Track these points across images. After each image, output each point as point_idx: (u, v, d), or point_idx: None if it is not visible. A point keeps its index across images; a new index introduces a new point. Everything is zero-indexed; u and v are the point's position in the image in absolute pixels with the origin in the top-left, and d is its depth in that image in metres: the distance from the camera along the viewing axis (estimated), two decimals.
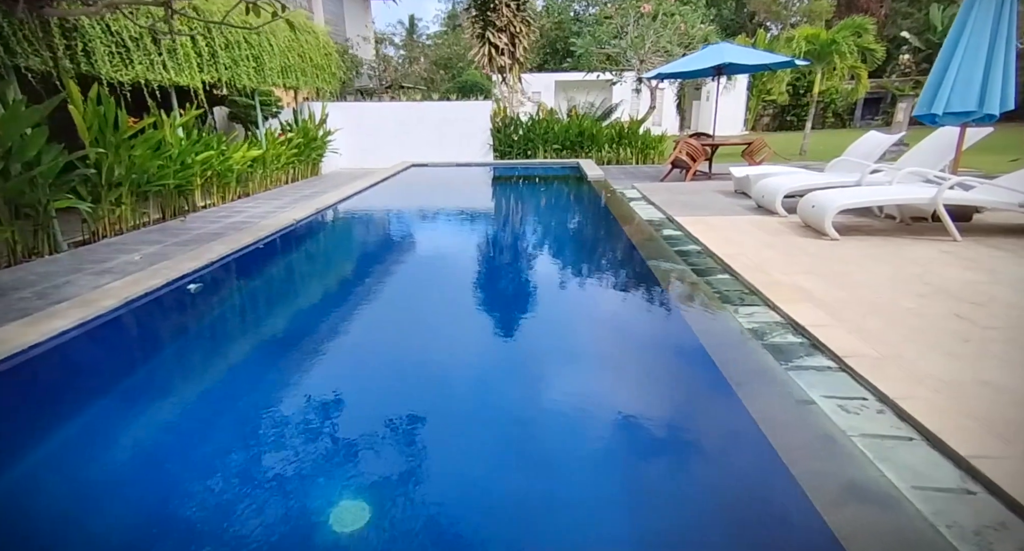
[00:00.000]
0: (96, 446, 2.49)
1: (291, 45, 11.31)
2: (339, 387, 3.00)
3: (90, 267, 4.96)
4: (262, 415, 2.70)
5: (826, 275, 3.99)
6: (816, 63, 16.95)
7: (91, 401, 2.90)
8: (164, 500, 2.10)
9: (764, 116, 31.00)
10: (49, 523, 2.03)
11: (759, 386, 2.51)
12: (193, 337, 3.73)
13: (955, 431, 2.10)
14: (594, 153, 14.08)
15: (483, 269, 5.46)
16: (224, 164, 8.41)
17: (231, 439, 2.52)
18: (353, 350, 3.51)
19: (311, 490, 2.10)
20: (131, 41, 6.67)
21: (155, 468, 2.32)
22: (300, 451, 2.35)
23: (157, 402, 2.89)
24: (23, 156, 4.83)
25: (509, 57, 14.63)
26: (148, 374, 3.23)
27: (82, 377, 3.14)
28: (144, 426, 2.65)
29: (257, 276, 5.21)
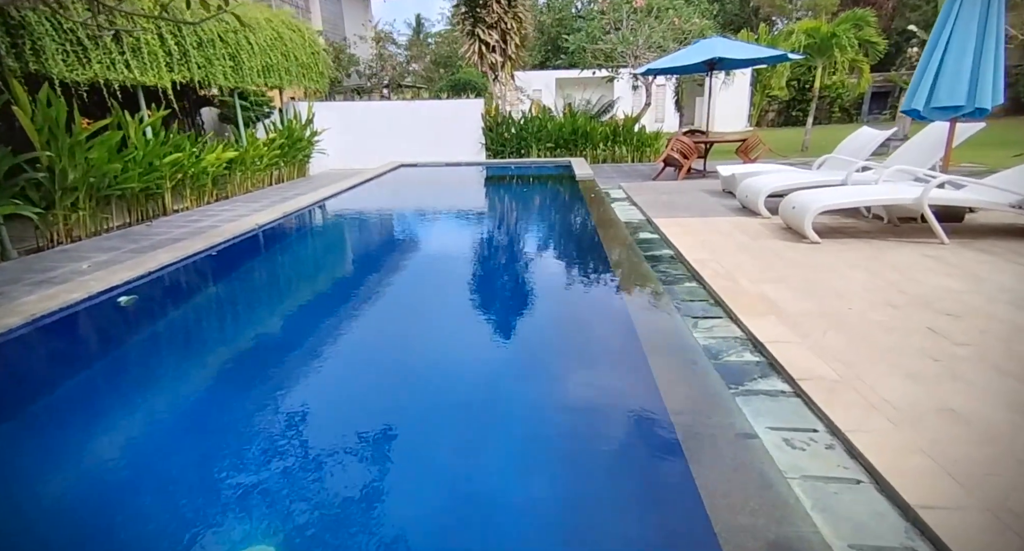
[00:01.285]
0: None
1: (273, 44, 11.07)
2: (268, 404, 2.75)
3: (31, 277, 4.75)
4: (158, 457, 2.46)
5: (797, 283, 3.69)
6: (816, 57, 16.53)
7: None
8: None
9: (769, 112, 30.47)
10: None
11: (699, 416, 2.23)
12: (106, 362, 3.48)
13: (906, 473, 1.82)
14: (588, 151, 13.78)
15: (440, 273, 5.22)
16: (197, 166, 8.21)
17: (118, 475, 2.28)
18: (297, 363, 3.27)
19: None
20: (88, 39, 6.46)
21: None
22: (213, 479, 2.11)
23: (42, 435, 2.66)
24: None
25: (500, 54, 14.36)
26: (38, 410, 3.00)
27: None
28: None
29: (202, 287, 4.98)
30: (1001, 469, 1.83)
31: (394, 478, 2.21)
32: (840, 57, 16.03)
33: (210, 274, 5.22)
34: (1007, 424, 2.07)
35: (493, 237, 6.80)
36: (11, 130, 5.88)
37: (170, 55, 7.96)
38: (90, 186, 6.24)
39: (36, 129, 5.63)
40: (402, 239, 7.22)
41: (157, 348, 3.69)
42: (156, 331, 3.90)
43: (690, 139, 10.53)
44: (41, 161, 5.75)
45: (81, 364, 3.38)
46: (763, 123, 29.78)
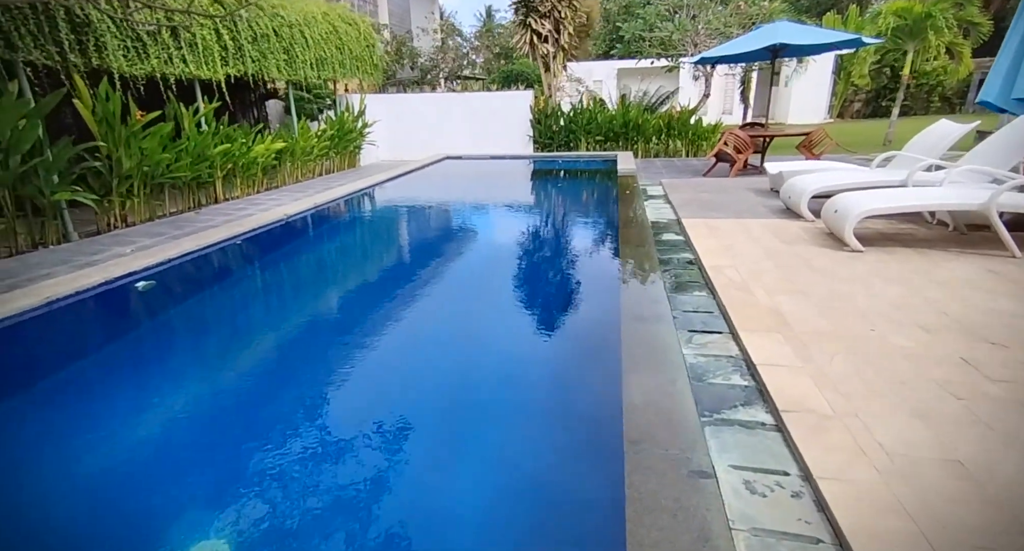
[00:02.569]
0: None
1: (328, 37, 11.38)
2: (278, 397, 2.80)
3: (79, 259, 5.13)
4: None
5: (819, 297, 3.31)
6: (907, 40, 14.99)
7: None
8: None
9: (855, 102, 28.06)
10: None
11: (655, 447, 2.01)
12: (112, 345, 3.68)
13: (877, 537, 1.54)
14: (640, 145, 13.27)
15: (450, 264, 5.17)
16: (247, 156, 8.59)
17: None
18: (307, 355, 3.32)
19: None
20: (148, 36, 6.86)
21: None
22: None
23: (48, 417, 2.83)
24: (18, 149, 5.05)
25: (552, 45, 14.06)
26: (46, 387, 3.20)
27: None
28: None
29: (218, 273, 5.17)
30: (998, 541, 1.51)
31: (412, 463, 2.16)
32: (935, 40, 14.43)
33: (229, 261, 5.43)
34: (1021, 486, 1.71)
35: (504, 234, 6.71)
36: (73, 121, 6.36)
37: (225, 50, 8.33)
38: (144, 174, 6.66)
39: (96, 121, 6.07)
40: (423, 230, 7.28)
41: (169, 333, 3.87)
42: (168, 316, 4.09)
43: (746, 133, 9.85)
44: (100, 151, 6.19)
45: (91, 346, 3.60)
46: (847, 114, 27.48)
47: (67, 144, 5.74)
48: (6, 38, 5.27)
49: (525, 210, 8.47)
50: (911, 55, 15.12)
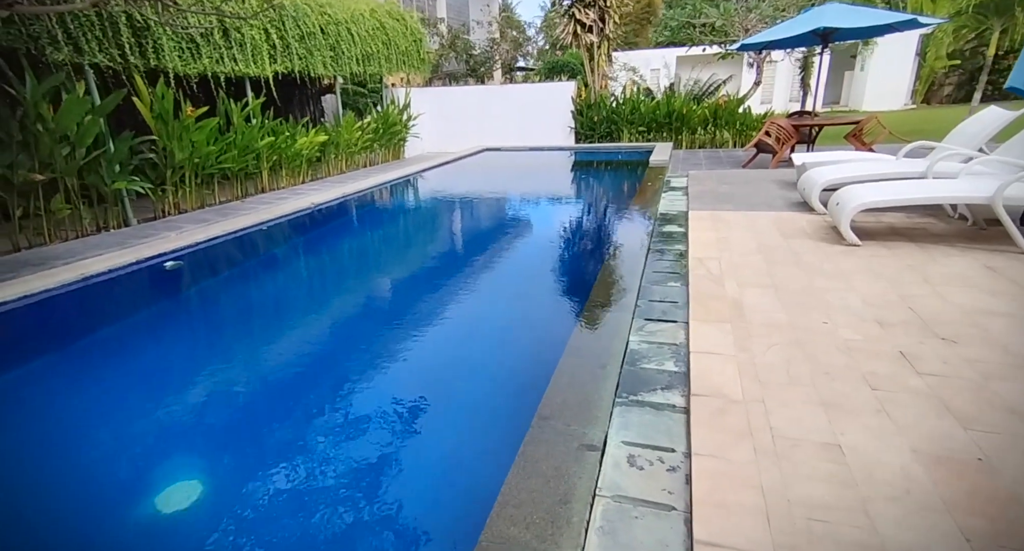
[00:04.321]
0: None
1: (375, 33, 11.85)
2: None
3: (133, 242, 5.77)
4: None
5: (790, 291, 3.27)
6: (992, 17, 13.65)
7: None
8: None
9: (946, 85, 25.68)
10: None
11: (558, 422, 2.15)
12: (135, 318, 4.20)
13: (722, 506, 1.63)
14: (686, 135, 12.97)
15: (440, 250, 5.43)
16: (291, 149, 9.19)
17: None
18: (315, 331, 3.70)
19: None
20: (200, 37, 7.51)
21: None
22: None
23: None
24: (83, 142, 5.73)
25: (597, 34, 13.93)
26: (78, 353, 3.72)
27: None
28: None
29: (240, 256, 5.68)
30: (834, 516, 1.56)
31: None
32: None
33: (252, 246, 5.94)
34: (891, 469, 1.73)
35: (503, 221, 6.95)
36: (131, 116, 7.07)
37: (274, 48, 8.93)
38: (194, 165, 7.34)
39: (152, 117, 6.75)
40: (439, 217, 7.63)
41: (191, 304, 4.36)
42: (191, 293, 4.60)
43: (789, 122, 9.44)
44: (156, 144, 6.89)
45: (113, 319, 4.13)
46: (934, 99, 25.23)
47: (127, 138, 6.44)
48: (75, 43, 5.98)
49: (538, 200, 8.81)
50: (997, 34, 13.77)
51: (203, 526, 2.05)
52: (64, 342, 3.65)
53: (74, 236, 6.07)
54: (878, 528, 1.52)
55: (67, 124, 5.49)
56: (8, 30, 5.40)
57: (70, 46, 5.95)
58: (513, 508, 1.73)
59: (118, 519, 2.12)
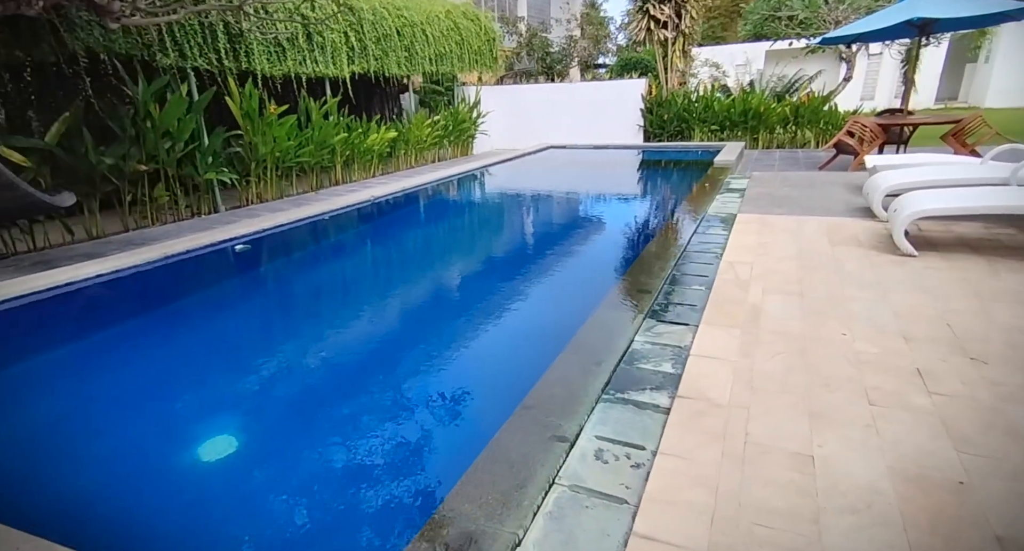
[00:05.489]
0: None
1: (448, 34, 12.27)
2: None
3: (217, 226, 6.45)
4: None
5: (816, 299, 3.13)
6: None
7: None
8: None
9: None
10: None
11: (538, 414, 2.22)
12: (210, 288, 4.75)
13: (670, 503, 1.67)
14: (762, 134, 12.35)
15: (480, 244, 5.61)
16: (363, 144, 9.78)
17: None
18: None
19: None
20: (286, 41, 8.18)
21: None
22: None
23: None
24: (181, 137, 6.47)
25: (673, 30, 13.54)
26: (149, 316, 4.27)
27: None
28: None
29: (303, 244, 6.19)
30: (777, 523, 1.55)
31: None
32: None
33: (313, 233, 6.44)
34: (857, 483, 1.68)
35: (546, 217, 7.09)
36: (222, 113, 7.84)
37: (352, 50, 9.53)
38: (275, 159, 8.03)
39: (241, 114, 7.47)
40: (487, 212, 7.87)
41: (255, 283, 4.86)
42: (257, 271, 5.13)
43: (875, 121, 8.74)
44: (243, 139, 7.62)
45: (193, 290, 4.69)
46: None
47: (219, 133, 7.17)
48: (180, 49, 6.75)
49: (586, 198, 8.91)
50: None
51: (245, 471, 2.36)
52: (154, 306, 4.23)
53: (172, 220, 6.87)
54: (823, 538, 1.50)
55: (170, 121, 6.23)
56: (126, 39, 6.20)
57: (176, 52, 6.72)
58: (472, 487, 1.86)
59: (188, 459, 2.48)
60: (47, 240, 5.73)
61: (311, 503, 2.20)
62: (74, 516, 2.12)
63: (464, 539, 1.64)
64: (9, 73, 6.37)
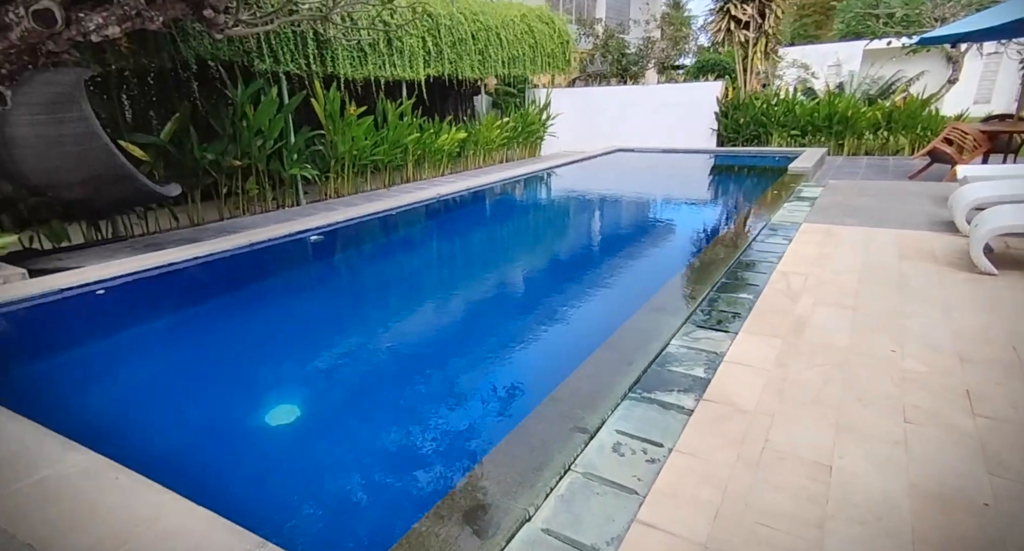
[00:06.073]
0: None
1: (522, 37, 12.48)
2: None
3: (294, 217, 7.02)
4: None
5: (870, 314, 3.01)
6: None
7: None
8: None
9: None
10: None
11: (563, 407, 2.32)
12: (292, 271, 5.22)
13: (678, 497, 1.75)
14: (849, 140, 11.65)
15: (535, 241, 5.72)
16: (434, 144, 10.21)
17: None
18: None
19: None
20: (368, 47, 8.72)
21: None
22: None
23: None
24: (271, 136, 7.10)
25: (755, 30, 13.02)
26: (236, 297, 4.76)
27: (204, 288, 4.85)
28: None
29: (372, 237, 6.60)
30: (785, 524, 1.58)
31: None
32: None
33: (381, 227, 6.84)
34: (872, 495, 1.66)
35: (604, 220, 7.14)
36: (306, 114, 8.48)
37: (428, 54, 9.97)
38: (352, 157, 8.58)
39: (324, 115, 8.07)
40: (543, 212, 8.01)
41: (325, 270, 5.30)
42: (329, 260, 5.59)
43: (976, 128, 8.02)
44: (325, 138, 8.21)
45: (274, 273, 5.19)
46: None
47: (304, 132, 7.79)
48: (274, 55, 7.40)
49: (645, 202, 8.83)
50: None
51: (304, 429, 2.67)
52: (238, 286, 4.75)
53: (260, 211, 7.56)
54: (825, 543, 1.52)
55: (262, 121, 6.86)
56: (230, 47, 6.90)
57: (270, 58, 7.37)
58: (493, 466, 2.01)
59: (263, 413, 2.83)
60: (158, 225, 6.50)
61: (358, 457, 2.45)
62: (164, 456, 2.48)
63: (479, 510, 1.79)
64: (136, 78, 7.27)
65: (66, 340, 3.75)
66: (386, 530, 1.92)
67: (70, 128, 4.37)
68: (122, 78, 7.14)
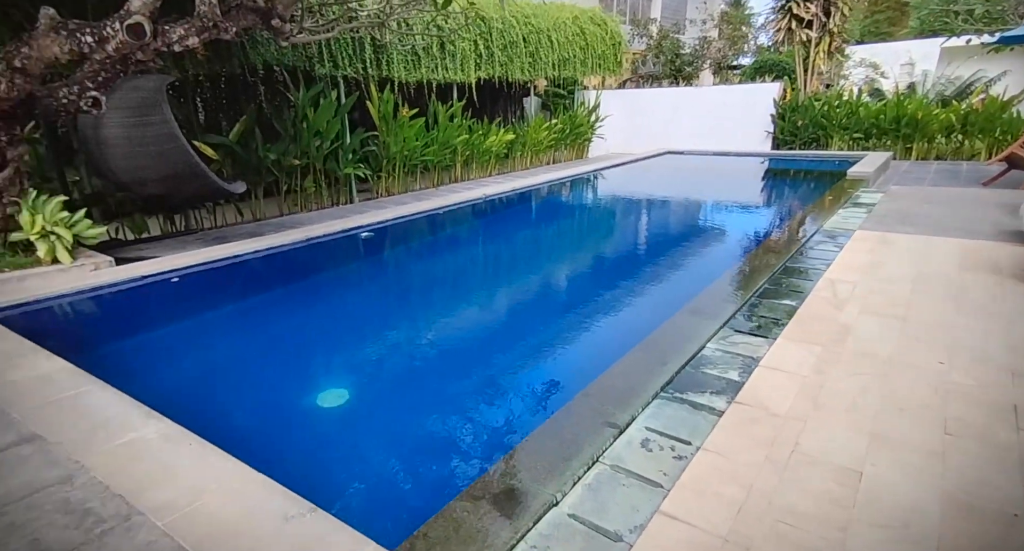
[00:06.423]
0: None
1: (573, 39, 12.52)
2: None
3: (350, 215, 7.37)
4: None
5: (921, 325, 2.92)
6: None
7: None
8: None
9: None
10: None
11: (596, 403, 2.40)
12: (341, 269, 5.54)
13: (701, 491, 1.80)
14: (918, 144, 11.07)
15: (577, 244, 5.77)
16: (482, 145, 10.41)
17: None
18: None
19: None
20: (422, 51, 9.01)
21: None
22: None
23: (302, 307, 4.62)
24: (328, 136, 7.48)
25: (818, 29, 12.55)
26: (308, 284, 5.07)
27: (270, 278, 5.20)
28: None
29: (419, 234, 6.84)
30: (808, 525, 1.61)
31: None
32: None
33: (428, 225, 7.06)
34: (902, 502, 1.66)
35: (648, 220, 7.05)
36: (360, 116, 8.85)
37: (480, 57, 10.19)
38: (404, 157, 8.89)
39: (378, 117, 8.41)
40: (587, 214, 8.04)
41: (378, 265, 5.58)
42: (378, 255, 5.86)
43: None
44: (378, 139, 8.56)
45: (323, 264, 5.51)
46: None
47: (359, 133, 8.15)
48: (334, 60, 7.78)
49: (691, 204, 8.72)
50: None
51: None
52: (295, 278, 5.07)
53: (316, 207, 7.96)
54: (848, 545, 1.55)
55: (321, 122, 7.24)
56: (294, 53, 7.32)
57: (330, 62, 7.76)
58: (524, 455, 2.12)
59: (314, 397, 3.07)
60: (224, 219, 6.98)
61: (410, 435, 2.63)
62: (228, 427, 2.72)
63: (510, 493, 1.91)
64: (209, 83, 7.83)
65: (146, 322, 4.13)
66: (424, 506, 2.06)
67: (153, 130, 4.80)
68: (197, 83, 7.71)
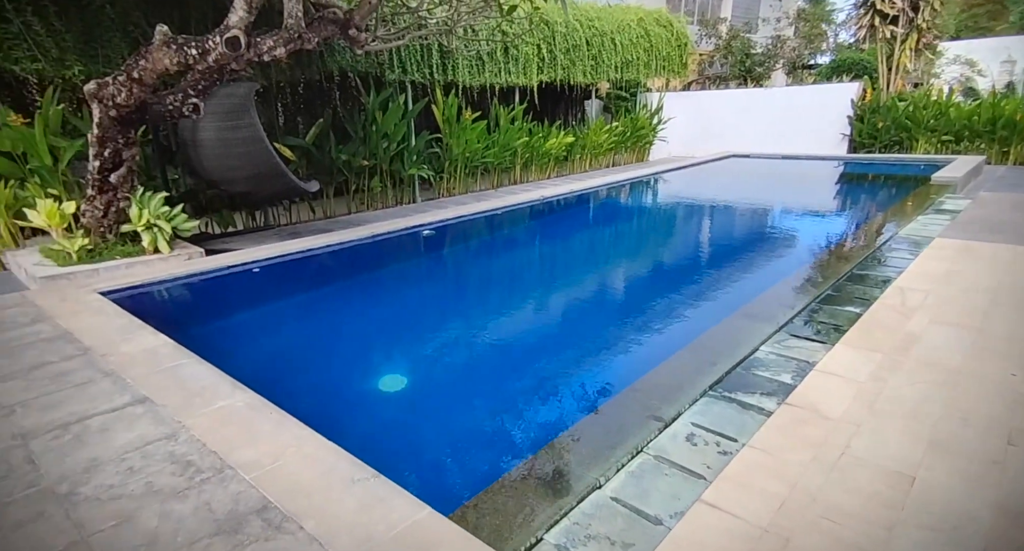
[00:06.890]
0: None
1: (637, 41, 12.42)
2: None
3: (412, 214, 7.71)
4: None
5: (996, 337, 2.77)
6: None
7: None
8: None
9: None
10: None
11: (643, 398, 2.46)
12: (408, 266, 5.81)
13: (742, 487, 1.84)
14: (1016, 147, 10.23)
15: (636, 248, 5.77)
16: (542, 148, 10.54)
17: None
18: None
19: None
20: (487, 56, 9.26)
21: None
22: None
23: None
24: (395, 138, 7.85)
25: (905, 25, 11.82)
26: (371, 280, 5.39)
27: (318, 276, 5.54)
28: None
29: (478, 233, 7.04)
30: (851, 522, 1.61)
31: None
32: None
33: (487, 224, 7.26)
34: (954, 507, 1.63)
35: (712, 225, 6.99)
36: (425, 118, 9.18)
37: (542, 60, 10.33)
38: (465, 159, 9.17)
39: (443, 120, 8.72)
40: (646, 218, 7.99)
41: (439, 262, 5.83)
42: (438, 252, 6.13)
43: None
44: (441, 141, 8.88)
45: (387, 259, 5.82)
46: None
47: (424, 136, 8.49)
48: (403, 66, 8.16)
49: (757, 209, 8.44)
50: None
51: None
52: (360, 272, 5.42)
53: (381, 207, 8.37)
54: (892, 544, 1.55)
55: (389, 125, 7.63)
56: (367, 60, 7.75)
57: (400, 68, 8.15)
58: (571, 440, 2.22)
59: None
60: (299, 216, 7.49)
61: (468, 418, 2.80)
62: (302, 400, 2.99)
63: (556, 474, 2.02)
64: (289, 89, 8.41)
65: (231, 306, 4.56)
66: (478, 479, 2.20)
67: (242, 132, 5.26)
68: (279, 89, 8.31)
